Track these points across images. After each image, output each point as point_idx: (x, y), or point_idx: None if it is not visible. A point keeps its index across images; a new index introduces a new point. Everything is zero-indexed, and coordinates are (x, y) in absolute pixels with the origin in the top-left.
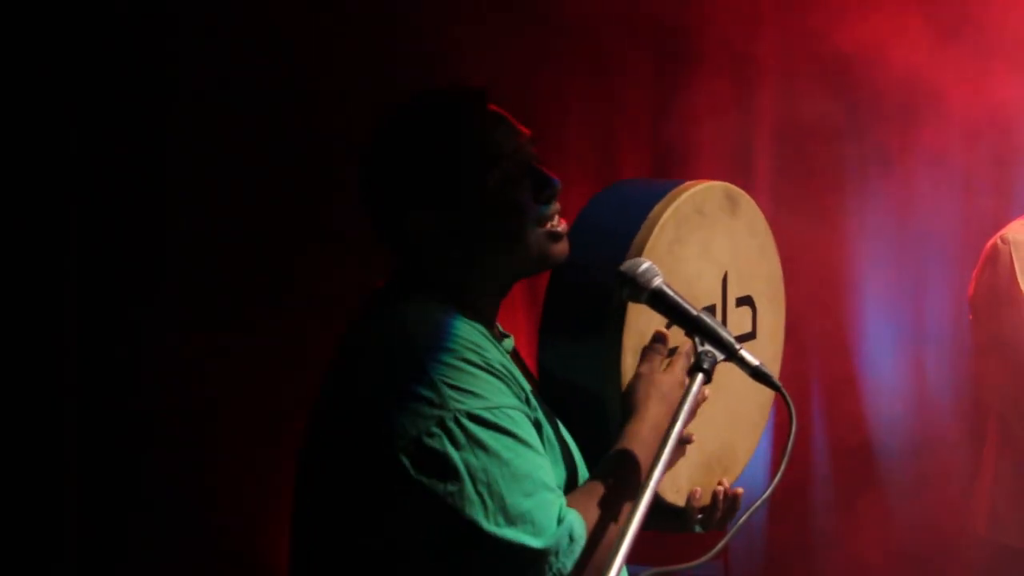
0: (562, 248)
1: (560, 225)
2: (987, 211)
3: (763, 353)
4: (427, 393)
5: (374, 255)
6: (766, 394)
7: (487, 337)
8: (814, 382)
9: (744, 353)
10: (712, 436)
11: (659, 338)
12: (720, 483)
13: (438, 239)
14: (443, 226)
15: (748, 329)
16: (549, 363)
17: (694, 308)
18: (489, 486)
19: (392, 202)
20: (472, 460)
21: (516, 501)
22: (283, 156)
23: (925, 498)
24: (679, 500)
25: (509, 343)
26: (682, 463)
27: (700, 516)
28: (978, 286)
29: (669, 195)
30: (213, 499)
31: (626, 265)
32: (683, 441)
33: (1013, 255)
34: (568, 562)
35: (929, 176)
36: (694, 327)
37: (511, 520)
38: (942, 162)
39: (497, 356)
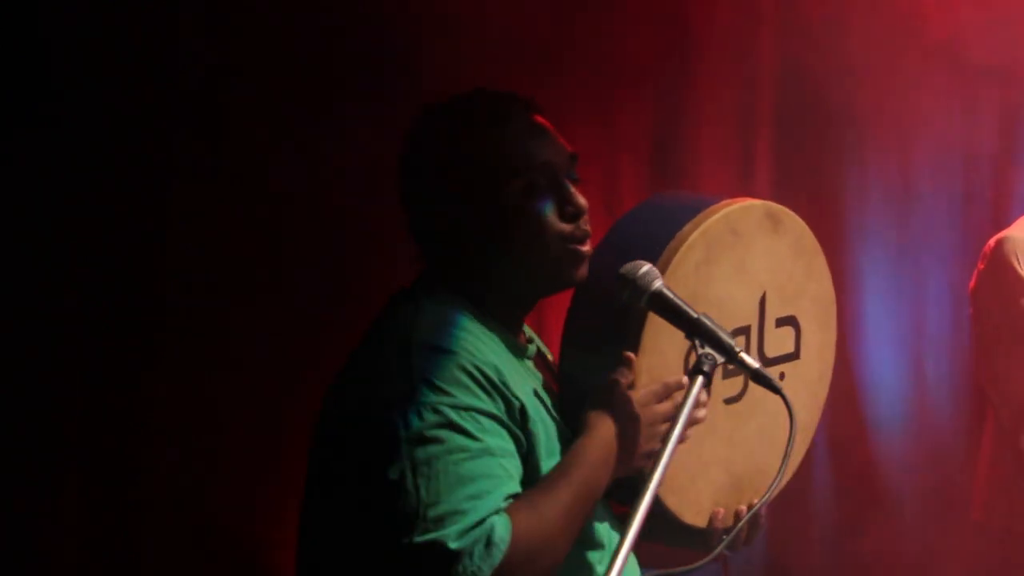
0: (579, 272)
1: (583, 247)
2: (986, 213)
3: (808, 372)
4: (401, 384)
5: (389, 255)
6: (808, 413)
7: (497, 341)
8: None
9: (744, 356)
10: (742, 458)
11: (668, 385)
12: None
13: (458, 238)
14: (464, 226)
15: (790, 349)
16: (570, 373)
17: (694, 310)
18: (430, 481)
19: (421, 197)
20: (420, 454)
21: (453, 500)
22: (291, 154)
23: (925, 498)
24: (700, 521)
25: (531, 349)
26: (706, 485)
27: (724, 536)
28: (980, 280)
29: (702, 214)
30: (216, 498)
31: (626, 268)
32: (644, 456)
33: (1016, 251)
34: (485, 566)
35: (929, 177)
36: (694, 329)
37: (439, 519)
38: (942, 164)
39: (495, 363)
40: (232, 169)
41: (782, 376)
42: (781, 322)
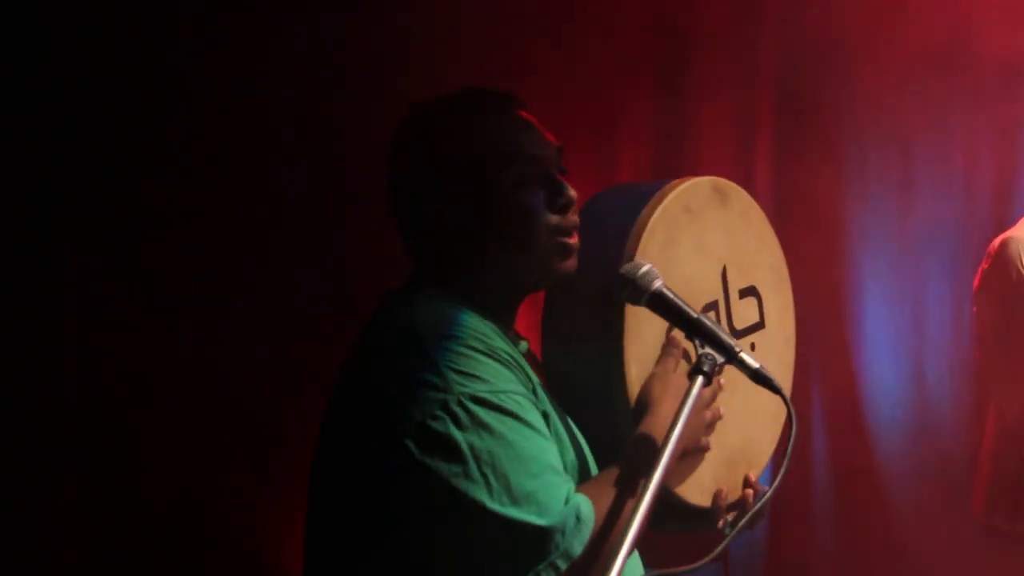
0: (569, 264)
1: (571, 240)
2: (987, 214)
3: (774, 339)
4: (432, 378)
5: (389, 255)
6: (781, 379)
7: (497, 331)
8: (814, 384)
9: (744, 356)
10: (732, 431)
11: (674, 341)
12: (748, 479)
13: (450, 235)
14: (455, 222)
15: (756, 319)
16: (553, 363)
17: (694, 311)
18: (494, 467)
19: (410, 196)
20: (476, 441)
21: (521, 481)
22: (291, 154)
23: (925, 499)
24: (704, 501)
25: (524, 345)
26: (705, 464)
27: (729, 515)
28: (984, 280)
29: (655, 197)
30: (216, 498)
31: (626, 268)
32: (700, 450)
33: (1020, 252)
34: (575, 543)
35: (929, 178)
36: (694, 330)
37: (515, 500)
38: (942, 164)
39: (505, 346)
40: (232, 169)
41: (753, 347)
42: (743, 293)
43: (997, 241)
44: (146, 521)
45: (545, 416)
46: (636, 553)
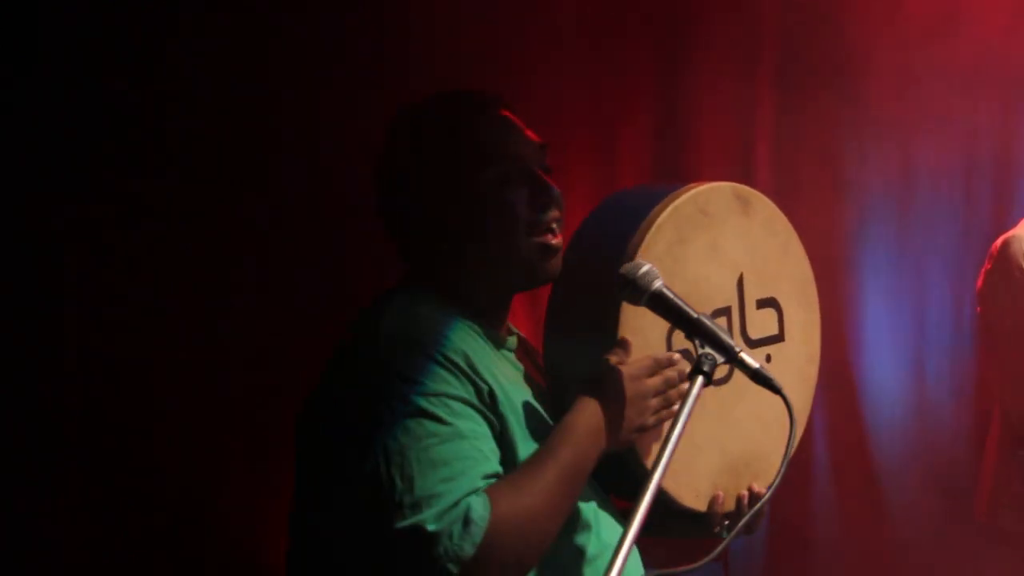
0: (553, 264)
1: (555, 239)
2: (987, 214)
3: (795, 353)
4: (370, 379)
5: (389, 255)
6: (800, 396)
7: (470, 331)
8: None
9: (744, 356)
10: (735, 440)
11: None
12: (749, 488)
13: (434, 234)
14: (439, 221)
15: (774, 331)
16: (553, 361)
17: (694, 311)
18: (403, 469)
19: (396, 195)
20: (392, 443)
21: (426, 485)
22: (291, 154)
23: (925, 499)
24: (699, 505)
25: (512, 342)
26: (702, 467)
27: (726, 521)
28: (988, 280)
29: (670, 196)
30: (216, 498)
31: (626, 267)
32: (637, 429)
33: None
34: (466, 545)
35: (930, 179)
36: (693, 329)
37: (416, 504)
38: (943, 165)
39: (463, 348)
40: (232, 169)
41: (768, 359)
42: (762, 304)
43: (999, 241)
44: (146, 521)
45: (499, 419)
46: (636, 553)
